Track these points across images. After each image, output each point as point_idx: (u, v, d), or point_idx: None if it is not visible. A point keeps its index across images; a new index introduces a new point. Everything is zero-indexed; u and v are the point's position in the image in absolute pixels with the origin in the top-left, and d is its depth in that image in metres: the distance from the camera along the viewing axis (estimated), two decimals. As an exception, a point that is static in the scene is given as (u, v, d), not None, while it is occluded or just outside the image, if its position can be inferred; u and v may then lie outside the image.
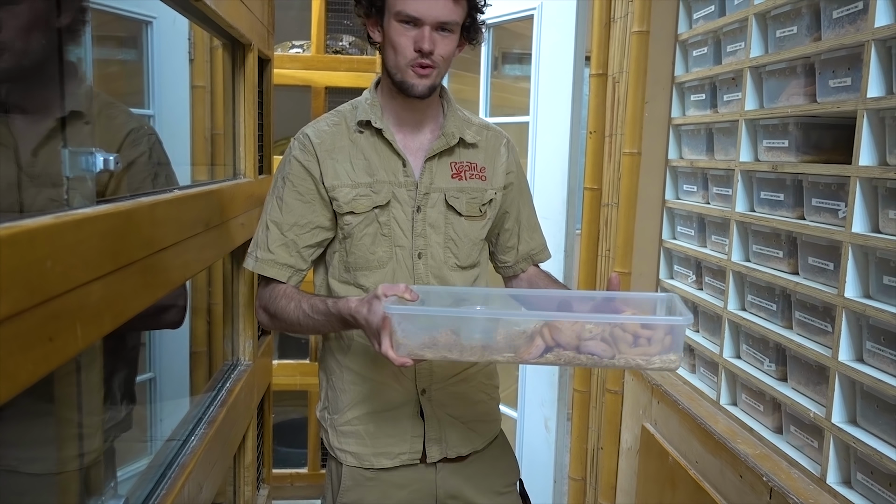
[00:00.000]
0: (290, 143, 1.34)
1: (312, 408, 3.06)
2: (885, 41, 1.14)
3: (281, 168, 1.31)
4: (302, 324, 1.24)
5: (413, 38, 1.20)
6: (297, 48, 3.00)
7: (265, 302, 1.29)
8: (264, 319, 1.31)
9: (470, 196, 1.34)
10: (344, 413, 1.34)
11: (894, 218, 1.13)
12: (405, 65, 1.22)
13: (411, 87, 1.24)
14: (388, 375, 1.32)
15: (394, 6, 1.21)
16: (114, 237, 0.71)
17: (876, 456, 1.12)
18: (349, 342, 1.33)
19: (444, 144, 1.32)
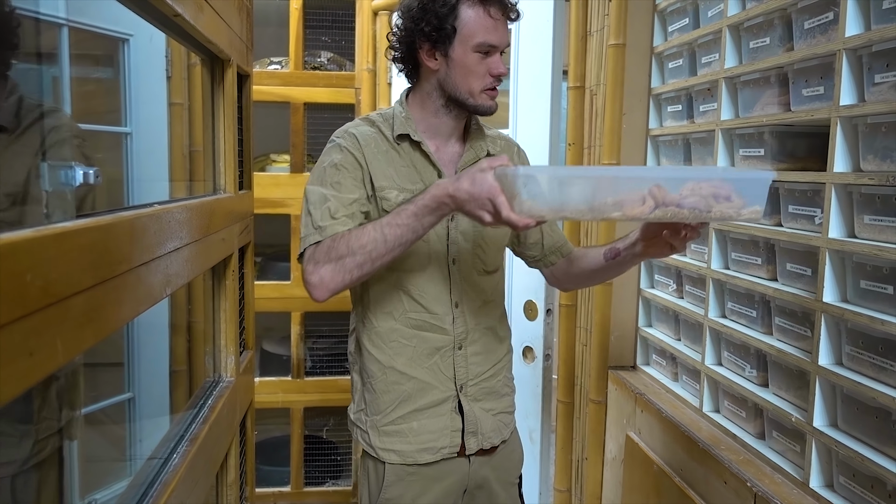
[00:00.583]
0: (333, 141, 1.35)
1: (295, 425, 3.03)
2: (856, 50, 1.17)
3: (328, 160, 1.32)
4: (388, 239, 1.18)
5: (487, 65, 1.30)
6: (275, 65, 3.00)
7: (323, 254, 1.22)
8: (326, 273, 1.21)
9: None
10: (387, 413, 1.38)
11: (869, 223, 1.15)
12: (479, 90, 1.32)
13: (488, 109, 1.34)
14: (428, 375, 1.38)
15: (473, 37, 1.28)
16: (94, 251, 0.71)
17: (858, 459, 1.14)
18: (392, 343, 1.37)
19: (475, 157, 1.40)
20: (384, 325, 1.37)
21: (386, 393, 1.38)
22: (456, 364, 1.39)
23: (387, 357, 1.37)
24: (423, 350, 1.37)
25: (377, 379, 1.38)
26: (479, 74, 1.30)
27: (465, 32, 1.28)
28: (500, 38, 1.30)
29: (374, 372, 1.38)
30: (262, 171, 3.00)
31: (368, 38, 2.87)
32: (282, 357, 3.11)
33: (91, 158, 1.29)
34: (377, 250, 1.20)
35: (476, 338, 1.41)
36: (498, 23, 1.29)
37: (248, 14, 1.73)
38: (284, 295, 2.98)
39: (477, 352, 1.42)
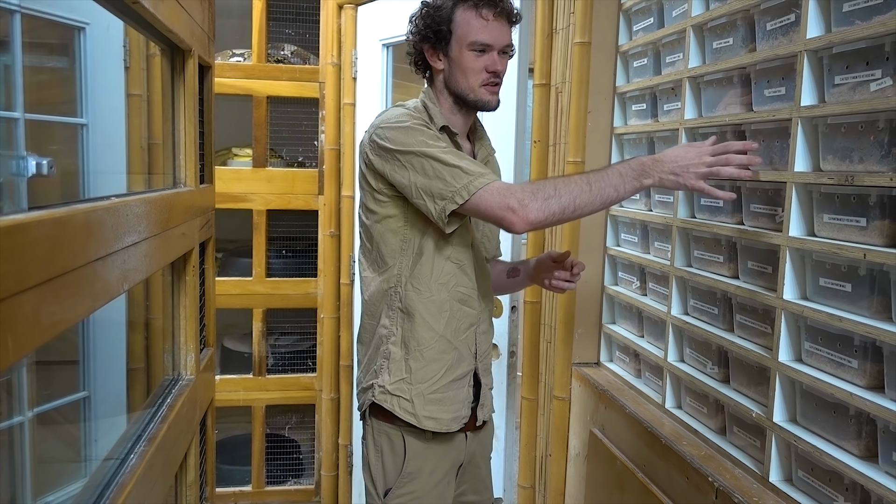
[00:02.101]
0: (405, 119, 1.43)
1: (256, 423, 2.99)
2: (817, 52, 1.19)
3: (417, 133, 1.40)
4: (593, 189, 1.29)
5: (484, 62, 1.43)
6: (237, 57, 2.95)
7: (519, 189, 1.32)
8: (532, 203, 1.29)
9: None
10: (435, 381, 1.47)
11: (828, 222, 1.17)
12: (478, 85, 1.45)
13: (488, 103, 1.48)
14: (464, 346, 1.50)
15: (466, 37, 1.43)
16: (48, 245, 0.68)
17: (816, 453, 1.16)
18: (445, 314, 1.46)
19: (486, 155, 1.59)
20: (439, 295, 1.46)
21: (436, 361, 1.46)
22: (477, 340, 1.53)
23: (441, 325, 1.46)
24: (463, 323, 1.49)
25: (429, 347, 1.46)
26: (476, 71, 1.44)
27: (459, 33, 1.43)
28: (493, 37, 1.43)
29: (426, 340, 1.46)
30: (223, 164, 2.94)
31: (333, 31, 2.83)
32: (243, 354, 3.06)
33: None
34: (581, 198, 1.29)
35: (485, 317, 1.57)
36: (491, 23, 1.42)
37: (209, 3, 1.70)
38: (246, 291, 2.94)
39: (485, 330, 1.57)
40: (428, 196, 1.37)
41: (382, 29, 2.68)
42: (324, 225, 2.92)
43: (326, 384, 2.96)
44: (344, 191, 2.88)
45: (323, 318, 2.96)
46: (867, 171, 1.09)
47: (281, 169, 3.01)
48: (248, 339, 3.03)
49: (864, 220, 1.10)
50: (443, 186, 1.35)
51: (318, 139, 2.95)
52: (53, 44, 1.94)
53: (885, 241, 1.07)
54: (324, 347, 2.96)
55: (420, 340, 1.46)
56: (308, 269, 3.02)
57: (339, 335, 2.95)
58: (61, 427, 1.88)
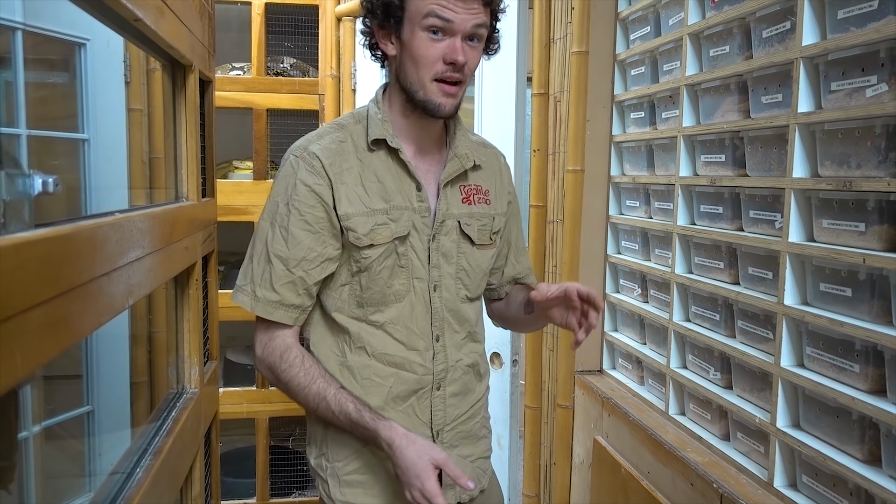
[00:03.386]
0: (289, 161, 1.17)
1: (260, 436, 2.98)
2: (813, 59, 1.19)
3: (282, 191, 1.16)
4: (318, 410, 1.16)
5: (442, 50, 1.09)
6: (237, 70, 2.97)
7: (271, 360, 1.20)
8: (268, 376, 1.23)
9: (480, 223, 1.25)
10: (350, 460, 1.22)
11: (827, 227, 1.18)
12: (430, 79, 1.11)
13: (437, 108, 1.13)
14: (403, 418, 1.19)
15: (420, 12, 1.08)
16: (54, 262, 0.68)
17: (819, 458, 1.16)
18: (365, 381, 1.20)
19: (459, 168, 1.22)
20: (357, 359, 1.20)
21: (347, 442, 1.21)
22: (433, 406, 1.23)
23: (358, 394, 1.19)
24: (399, 391, 1.20)
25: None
26: (430, 60, 1.10)
27: (412, 8, 1.09)
28: (455, 14, 1.07)
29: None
30: (224, 177, 2.96)
31: (332, 44, 2.85)
32: (246, 366, 3.07)
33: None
34: (312, 410, 1.18)
35: (456, 376, 1.25)
36: (455, 2, 1.08)
37: (209, 19, 1.71)
38: (248, 303, 2.94)
39: (455, 392, 1.25)
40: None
41: (381, 41, 2.69)
42: (325, 236, 2.93)
43: (329, 395, 2.96)
44: (345, 202, 2.88)
45: (325, 329, 2.96)
46: (865, 177, 1.10)
47: (281, 181, 3.02)
48: (251, 351, 3.03)
49: (863, 224, 1.11)
50: (242, 273, 1.23)
51: (318, 151, 2.95)
52: (55, 59, 1.96)
53: (884, 246, 1.07)
54: (326, 358, 2.96)
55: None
56: (310, 280, 3.02)
57: (341, 346, 2.94)
58: (65, 442, 1.89)
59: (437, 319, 1.22)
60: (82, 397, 1.94)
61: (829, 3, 1.17)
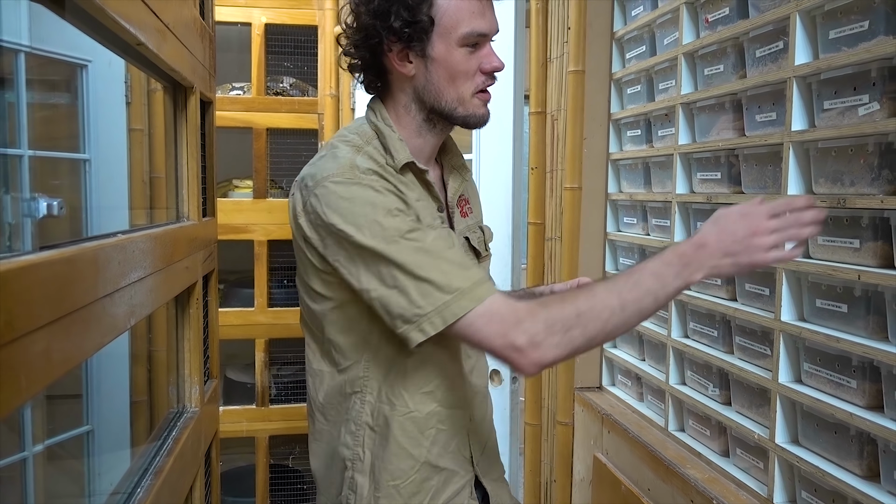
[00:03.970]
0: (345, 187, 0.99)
1: (260, 454, 2.98)
2: (805, 78, 1.21)
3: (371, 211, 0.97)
4: (626, 306, 0.93)
5: (479, 61, 1.04)
6: (237, 90, 2.99)
7: (542, 324, 0.92)
8: (548, 342, 0.92)
9: (476, 235, 1.20)
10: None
11: (823, 244, 1.19)
12: (471, 94, 1.06)
13: (480, 120, 1.08)
14: (452, 460, 1.10)
15: (456, 27, 1.02)
16: (58, 284, 0.69)
17: (818, 474, 1.16)
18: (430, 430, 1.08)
19: (461, 182, 1.18)
20: (423, 408, 1.07)
21: (417, 494, 1.08)
22: (471, 438, 1.14)
23: (422, 450, 1.08)
24: (454, 435, 1.11)
25: (408, 481, 1.07)
26: (469, 74, 1.04)
27: (445, 23, 1.02)
28: (489, 24, 1.04)
29: (402, 472, 1.07)
30: (224, 196, 2.97)
31: (331, 63, 2.88)
32: (246, 385, 3.06)
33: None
34: (612, 322, 0.93)
35: (479, 401, 1.17)
36: (485, 5, 1.04)
37: (210, 41, 1.73)
38: (248, 322, 2.95)
39: (480, 417, 1.17)
40: (386, 313, 0.98)
41: (380, 60, 2.71)
42: (325, 254, 2.94)
43: (329, 413, 2.96)
44: (344, 220, 2.90)
45: (325, 346, 2.96)
46: (858, 194, 1.11)
47: (281, 199, 3.04)
48: (251, 370, 3.03)
49: (858, 241, 1.12)
50: (405, 305, 0.95)
51: (317, 169, 2.98)
52: (57, 80, 1.98)
53: (879, 262, 1.08)
54: (326, 376, 2.96)
55: (394, 473, 1.07)
56: (309, 298, 3.03)
57: (341, 364, 2.95)
58: (66, 462, 1.88)
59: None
60: (82, 417, 1.94)
61: (821, 24, 1.19)
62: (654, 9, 1.74)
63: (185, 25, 1.36)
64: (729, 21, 1.44)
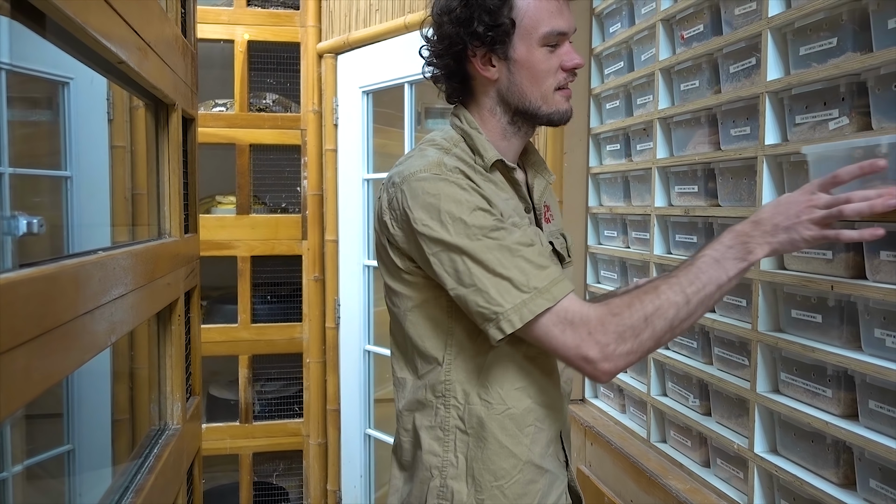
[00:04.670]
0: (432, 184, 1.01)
1: (243, 472, 2.95)
2: (777, 93, 1.24)
3: (457, 209, 0.99)
4: (690, 299, 0.95)
5: (559, 58, 1.07)
6: (220, 106, 3.00)
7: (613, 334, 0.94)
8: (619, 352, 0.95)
9: (559, 241, 1.20)
10: None
11: (797, 255, 1.21)
12: (552, 91, 1.08)
13: (564, 115, 1.10)
14: (553, 463, 1.10)
15: (537, 28, 1.04)
16: (38, 301, 0.70)
17: (797, 482, 1.18)
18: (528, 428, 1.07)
19: (545, 184, 1.19)
20: (520, 405, 1.07)
21: (523, 497, 1.06)
22: (564, 440, 1.16)
23: (524, 448, 1.07)
24: (550, 432, 1.11)
25: (511, 480, 1.06)
26: (551, 72, 1.07)
27: (526, 24, 1.05)
28: (568, 22, 1.07)
29: (506, 471, 1.06)
30: (207, 212, 2.97)
31: (314, 79, 2.90)
32: (229, 402, 3.05)
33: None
34: (679, 316, 0.95)
35: (566, 404, 1.19)
36: (562, 4, 1.07)
37: (192, 58, 1.74)
38: (231, 338, 2.94)
39: (566, 418, 1.19)
40: (467, 310, 1.00)
41: (362, 77, 2.74)
42: (308, 269, 2.94)
43: (314, 429, 2.95)
44: (327, 235, 2.90)
45: (309, 362, 2.96)
46: (830, 206, 1.13)
47: (264, 215, 3.04)
48: (234, 387, 3.01)
49: (830, 252, 1.14)
50: (484, 304, 0.97)
51: (300, 185, 2.99)
52: (38, 98, 1.98)
53: (851, 273, 1.11)
54: (310, 392, 2.95)
55: (497, 473, 1.05)
56: (293, 313, 3.03)
57: (325, 379, 2.94)
58: (45, 482, 1.86)
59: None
60: (63, 436, 1.92)
61: (792, 40, 1.22)
62: (631, 25, 1.77)
63: (166, 43, 1.37)
64: (703, 38, 1.47)
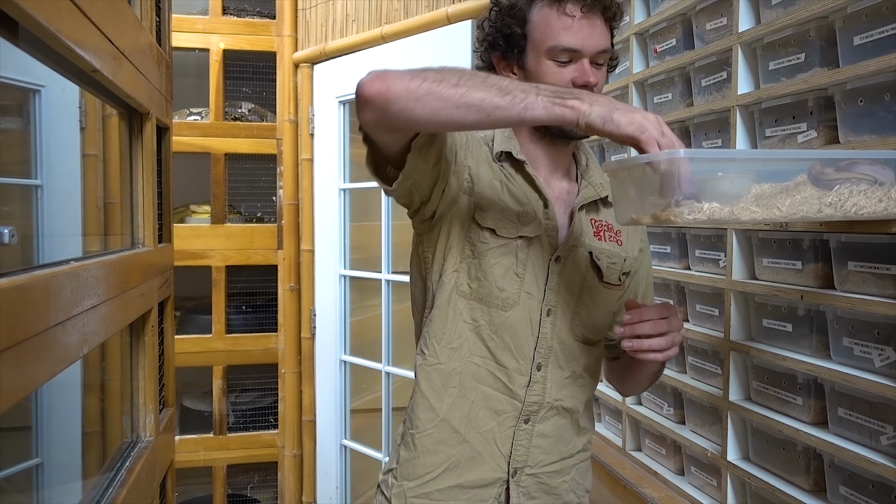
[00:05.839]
0: None
1: (217, 484, 2.92)
2: (748, 106, 1.26)
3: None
4: (468, 83, 0.89)
5: (570, 74, 1.06)
6: (195, 115, 2.98)
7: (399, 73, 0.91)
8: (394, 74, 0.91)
9: (610, 260, 1.15)
10: (423, 480, 1.11)
11: (768, 265, 1.24)
12: None
13: (572, 129, 1.03)
14: (482, 443, 1.11)
15: (544, 42, 1.06)
16: (9, 313, 0.69)
17: (769, 489, 1.20)
18: (452, 390, 1.10)
19: (594, 195, 1.16)
20: (449, 364, 1.10)
21: (430, 453, 1.11)
22: (516, 440, 1.11)
23: (444, 406, 1.10)
24: (481, 409, 1.11)
25: (424, 433, 1.11)
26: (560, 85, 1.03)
27: (535, 37, 1.07)
28: (580, 39, 1.05)
29: (422, 422, 1.11)
30: (181, 222, 2.94)
31: (290, 89, 2.89)
32: (203, 413, 3.01)
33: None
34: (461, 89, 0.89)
35: (550, 416, 1.13)
36: (577, 22, 1.05)
37: (167, 67, 1.73)
38: (206, 348, 2.91)
39: (546, 433, 1.13)
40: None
41: (338, 86, 2.74)
42: (283, 279, 2.93)
43: (289, 440, 2.92)
44: (303, 245, 2.89)
45: (284, 373, 2.93)
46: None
47: (240, 225, 3.02)
48: (208, 398, 2.98)
49: (800, 263, 1.17)
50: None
51: (276, 194, 2.98)
52: (8, 105, 1.95)
53: (820, 283, 1.13)
54: (286, 403, 2.93)
55: (415, 421, 1.12)
56: (268, 324, 3.01)
57: (300, 390, 2.92)
58: (13, 497, 1.82)
59: (544, 347, 1.11)
60: (32, 449, 1.89)
61: (761, 55, 1.24)
62: (605, 39, 1.80)
63: (141, 52, 1.36)
64: (676, 51, 1.49)
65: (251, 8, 3.04)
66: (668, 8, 1.49)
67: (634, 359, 1.10)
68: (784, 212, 0.85)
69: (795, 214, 0.86)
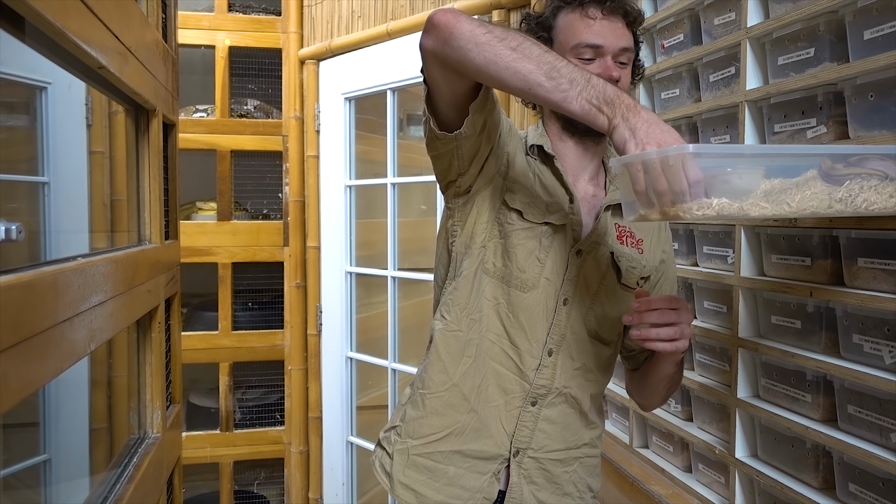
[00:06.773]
0: None
1: (224, 480, 2.93)
2: (756, 102, 1.26)
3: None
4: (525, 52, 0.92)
5: (594, 71, 1.07)
6: (201, 112, 2.98)
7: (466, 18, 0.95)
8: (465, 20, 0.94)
9: (630, 264, 1.19)
10: (427, 441, 1.14)
11: (776, 262, 1.23)
12: None
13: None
14: (489, 416, 1.14)
15: (569, 41, 1.12)
16: (16, 309, 0.69)
17: (777, 487, 1.19)
18: (466, 358, 1.14)
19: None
20: (468, 333, 1.14)
21: (437, 415, 1.14)
22: (521, 420, 1.15)
23: (458, 372, 1.14)
24: (490, 385, 1.14)
25: (435, 394, 1.14)
26: None
27: (560, 39, 1.14)
28: (601, 37, 1.11)
29: (435, 383, 1.15)
30: (187, 219, 2.95)
31: (295, 86, 2.89)
32: (210, 410, 3.02)
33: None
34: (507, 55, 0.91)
35: (557, 402, 1.16)
36: (599, 22, 1.12)
37: (173, 63, 1.73)
38: (212, 345, 2.91)
39: (552, 419, 1.16)
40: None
41: (344, 83, 2.73)
42: (290, 276, 2.93)
43: (295, 437, 2.92)
44: (309, 241, 2.89)
45: (290, 369, 2.94)
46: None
47: (246, 221, 3.02)
48: (215, 394, 2.99)
49: (809, 259, 1.16)
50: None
51: (282, 191, 2.98)
52: (14, 103, 1.95)
53: (829, 279, 1.12)
54: (292, 400, 2.93)
55: (426, 381, 1.16)
56: (274, 320, 3.01)
57: (307, 386, 2.92)
58: (21, 493, 1.83)
59: (557, 334, 1.15)
60: (39, 446, 1.89)
61: (770, 50, 1.23)
62: (612, 34, 1.79)
63: (147, 48, 1.36)
64: (683, 47, 1.48)
65: (257, 5, 3.04)
66: (676, 3, 1.48)
67: (650, 364, 1.14)
68: (794, 207, 0.85)
69: (805, 210, 0.86)
